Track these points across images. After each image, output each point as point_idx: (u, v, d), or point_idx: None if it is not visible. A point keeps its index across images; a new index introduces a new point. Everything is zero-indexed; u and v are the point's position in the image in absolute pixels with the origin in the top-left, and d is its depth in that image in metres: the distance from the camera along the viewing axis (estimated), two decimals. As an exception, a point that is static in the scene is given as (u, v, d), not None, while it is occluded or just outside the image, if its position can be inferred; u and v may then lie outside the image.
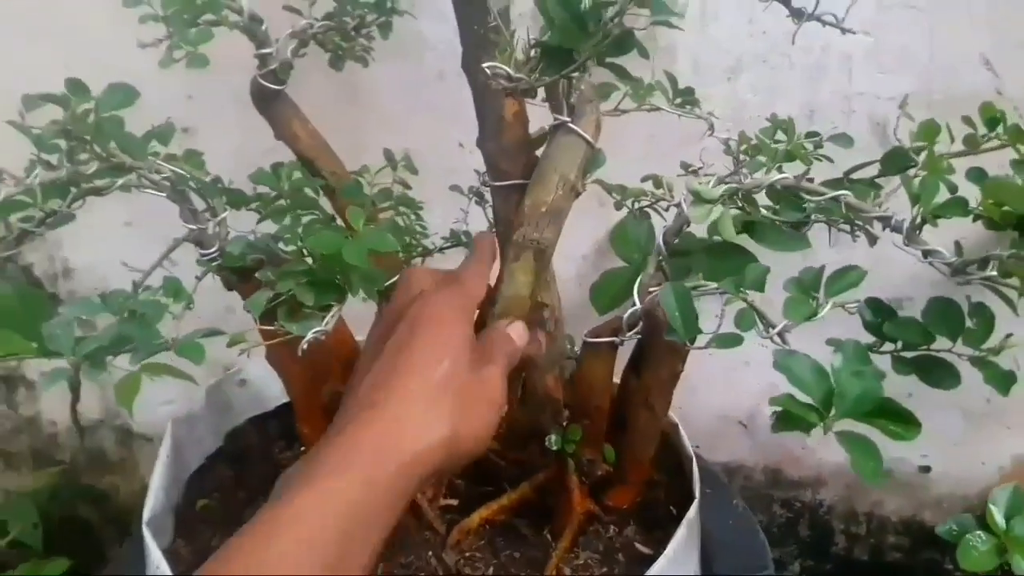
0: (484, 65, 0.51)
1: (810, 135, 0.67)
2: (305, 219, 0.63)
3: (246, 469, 0.85)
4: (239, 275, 0.66)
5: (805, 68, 0.96)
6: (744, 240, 0.66)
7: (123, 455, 1.29)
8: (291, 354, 0.68)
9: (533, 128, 0.73)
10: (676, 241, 0.62)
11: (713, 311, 0.65)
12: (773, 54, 0.96)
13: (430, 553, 0.72)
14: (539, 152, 0.68)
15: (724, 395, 1.11)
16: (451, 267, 0.72)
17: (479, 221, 0.88)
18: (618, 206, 0.73)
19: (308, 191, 0.66)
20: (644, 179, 0.71)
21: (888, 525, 1.14)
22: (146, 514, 0.71)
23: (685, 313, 0.56)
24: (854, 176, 0.80)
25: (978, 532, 0.76)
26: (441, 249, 0.92)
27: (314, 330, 0.56)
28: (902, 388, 1.05)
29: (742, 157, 0.64)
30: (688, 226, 0.61)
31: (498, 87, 0.51)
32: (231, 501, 0.80)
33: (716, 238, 0.72)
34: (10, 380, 1.30)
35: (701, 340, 0.58)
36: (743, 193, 0.57)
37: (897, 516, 1.13)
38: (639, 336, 0.68)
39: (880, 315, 0.56)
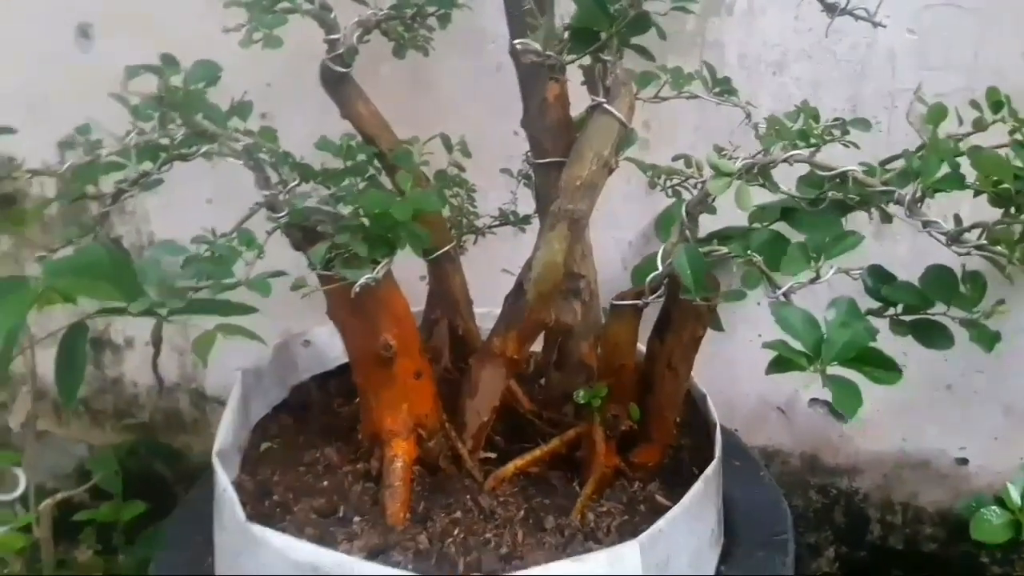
0: (515, 42, 0.57)
1: (835, 120, 0.71)
2: (361, 185, 0.70)
3: (307, 419, 0.92)
4: (304, 234, 0.73)
5: (849, 64, 0.99)
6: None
7: (196, 416, 1.39)
8: (349, 309, 0.76)
9: (574, 112, 0.79)
10: (698, 210, 0.66)
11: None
12: (818, 49, 0.99)
13: (468, 496, 0.78)
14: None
15: (765, 381, 1.14)
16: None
17: (528, 203, 0.94)
18: (652, 184, 0.78)
19: (363, 158, 0.73)
20: (675, 159, 0.76)
21: (924, 516, 1.15)
22: (216, 447, 0.79)
23: (696, 272, 0.60)
24: (888, 167, 0.83)
25: (993, 507, 0.79)
26: (491, 227, 0.98)
27: (365, 277, 0.62)
28: (942, 380, 1.08)
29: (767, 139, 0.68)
30: (711, 199, 0.65)
31: (527, 62, 0.57)
32: (292, 445, 0.88)
33: (756, 225, 0.77)
34: (98, 343, 1.41)
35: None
36: (760, 168, 0.61)
37: (934, 507, 1.14)
38: (662, 302, 0.73)
39: (881, 281, 0.59)
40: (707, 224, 0.88)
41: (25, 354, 1.10)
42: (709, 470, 0.75)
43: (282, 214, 0.75)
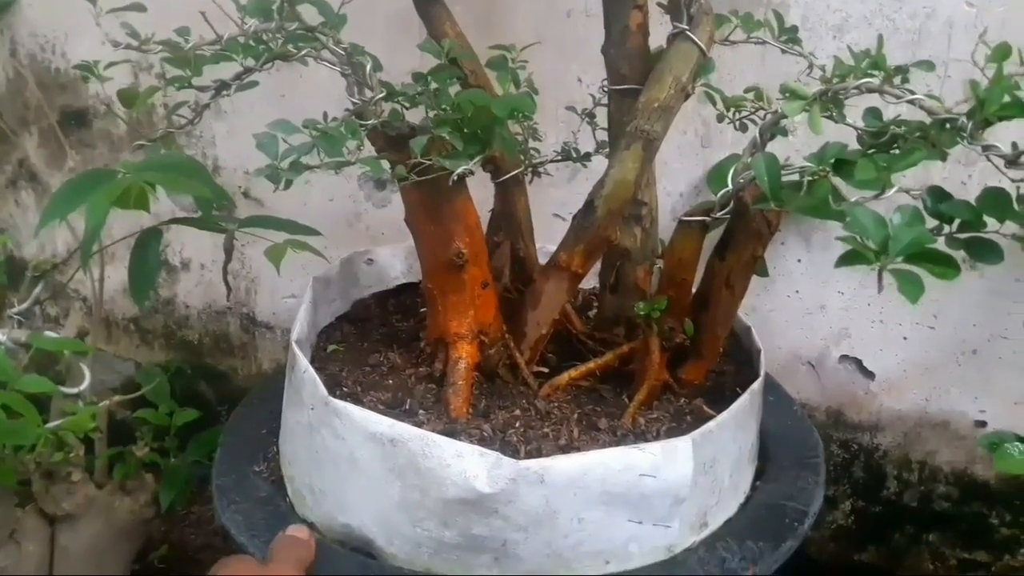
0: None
1: (898, 68, 0.75)
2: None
3: (368, 329, 0.98)
4: (392, 141, 0.78)
5: (908, 32, 1.03)
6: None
7: (245, 340, 1.45)
8: (427, 215, 0.81)
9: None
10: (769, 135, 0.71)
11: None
12: (878, 16, 1.04)
13: (523, 401, 0.83)
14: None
15: (797, 336, 1.20)
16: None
17: (589, 142, 0.98)
18: (720, 118, 0.82)
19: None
20: (746, 91, 0.81)
21: (939, 475, 1.20)
22: (294, 335, 0.85)
23: (772, 178, 0.65)
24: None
25: (1016, 442, 0.84)
26: (552, 160, 1.03)
27: (462, 167, 0.67)
28: (969, 344, 1.12)
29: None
30: (784, 120, 0.69)
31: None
32: (356, 349, 0.93)
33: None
34: (160, 261, 1.46)
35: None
36: (832, 95, 0.66)
37: (950, 467, 1.19)
38: (726, 221, 0.78)
39: (939, 200, 0.64)
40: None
41: (90, 264, 1.16)
42: (755, 385, 0.81)
43: (370, 122, 0.79)
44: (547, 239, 1.11)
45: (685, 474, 0.71)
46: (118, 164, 0.92)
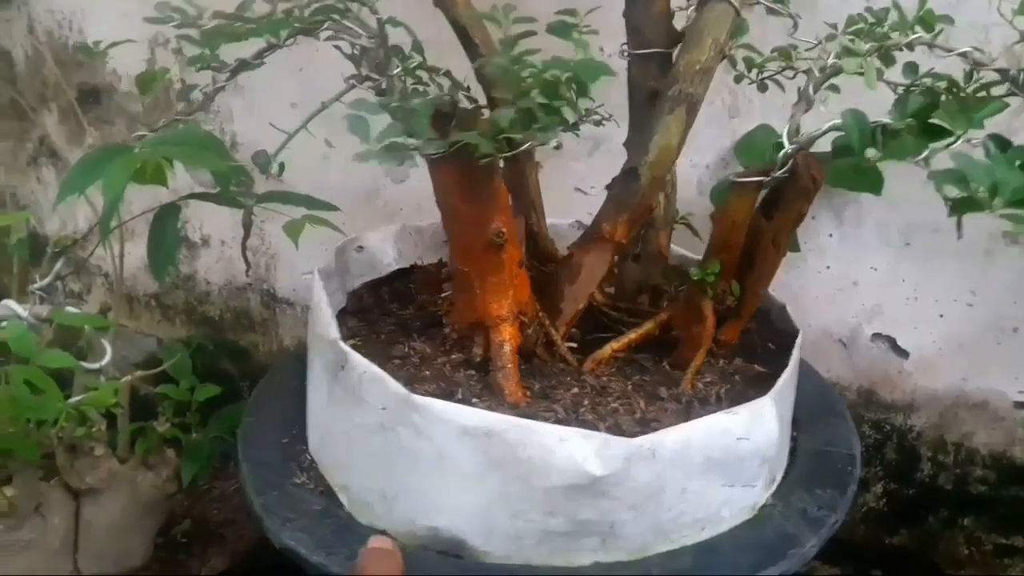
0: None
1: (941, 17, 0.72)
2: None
3: (374, 321, 0.94)
4: (434, 120, 0.74)
5: (950, -6, 0.99)
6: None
7: (266, 316, 1.44)
8: (464, 195, 0.77)
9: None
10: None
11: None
12: (919, -22, 1.00)
13: (569, 378, 0.81)
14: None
15: (829, 313, 1.17)
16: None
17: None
18: (738, 79, 0.80)
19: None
20: (773, 51, 0.78)
21: (976, 457, 1.17)
22: (333, 334, 0.80)
23: (863, 132, 0.65)
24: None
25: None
26: (575, 123, 1.00)
27: (555, 140, 0.65)
28: (1009, 322, 1.08)
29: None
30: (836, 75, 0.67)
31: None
32: (374, 342, 0.88)
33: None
34: (179, 237, 1.45)
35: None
36: (883, 51, 0.64)
37: (987, 449, 1.16)
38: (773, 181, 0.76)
39: (1001, 147, 0.64)
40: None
41: (110, 240, 1.15)
42: (799, 340, 0.81)
43: (392, 100, 0.76)
44: (568, 213, 1.09)
45: (772, 433, 0.73)
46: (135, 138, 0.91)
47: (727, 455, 0.71)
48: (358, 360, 0.75)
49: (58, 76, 1.35)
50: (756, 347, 0.87)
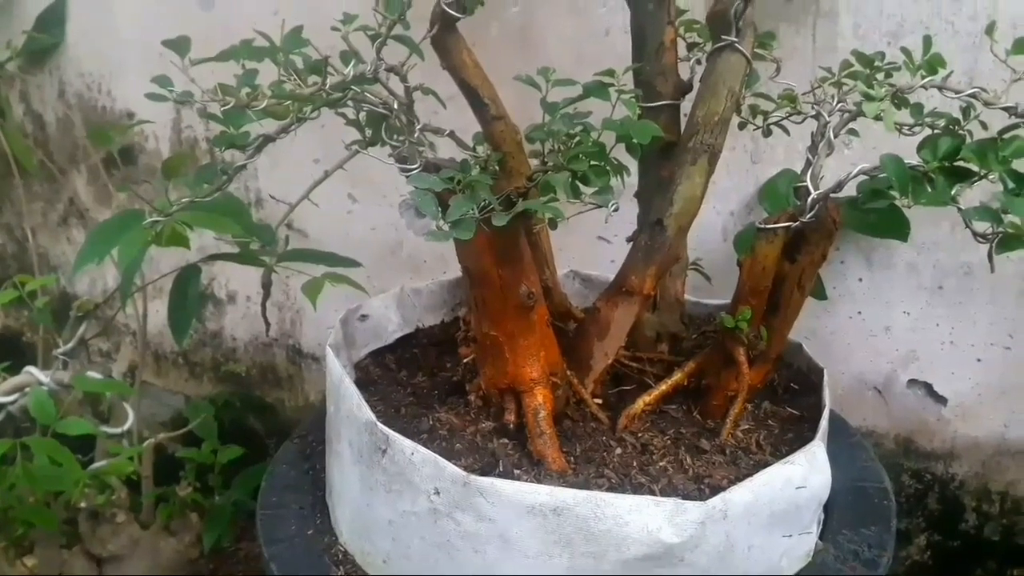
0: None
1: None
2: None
3: (387, 393, 0.90)
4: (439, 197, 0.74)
5: (968, 35, 0.97)
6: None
7: (291, 372, 1.44)
8: (496, 259, 0.75)
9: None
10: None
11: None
12: (936, 19, 0.98)
13: (605, 438, 0.79)
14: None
15: (862, 360, 1.13)
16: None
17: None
18: (742, 125, 0.80)
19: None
20: (781, 96, 0.77)
21: (1023, 507, 1.12)
22: (366, 415, 0.76)
23: (901, 174, 0.65)
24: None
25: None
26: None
27: (613, 202, 0.65)
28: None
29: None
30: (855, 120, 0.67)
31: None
32: (394, 416, 0.85)
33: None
34: (200, 297, 1.46)
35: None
36: (898, 93, 0.64)
37: (1034, 499, 1.11)
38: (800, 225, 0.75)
39: (1017, 181, 0.64)
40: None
41: (134, 300, 1.16)
42: (826, 378, 0.82)
43: (414, 167, 0.75)
44: (590, 265, 1.07)
45: (827, 478, 0.73)
46: (156, 202, 0.91)
47: (789, 506, 0.70)
48: (405, 443, 0.72)
49: (86, 139, 1.37)
50: (779, 389, 0.87)
